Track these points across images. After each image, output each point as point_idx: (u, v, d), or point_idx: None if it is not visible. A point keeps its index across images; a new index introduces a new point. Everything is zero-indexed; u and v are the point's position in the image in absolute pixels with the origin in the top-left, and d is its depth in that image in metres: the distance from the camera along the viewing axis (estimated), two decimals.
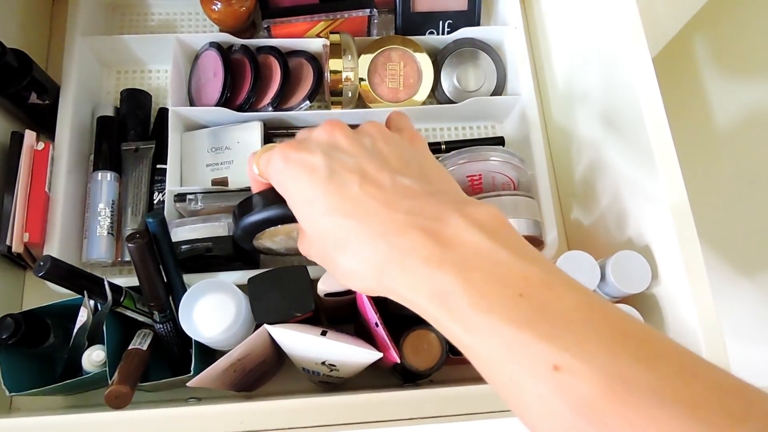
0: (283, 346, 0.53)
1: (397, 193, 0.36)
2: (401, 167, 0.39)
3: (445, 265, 0.32)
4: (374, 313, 0.52)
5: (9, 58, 0.59)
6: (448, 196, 0.37)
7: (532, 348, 0.28)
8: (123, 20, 0.81)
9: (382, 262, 0.34)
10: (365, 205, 0.35)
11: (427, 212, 0.35)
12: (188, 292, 0.55)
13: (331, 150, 0.39)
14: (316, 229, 0.38)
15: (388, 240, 0.34)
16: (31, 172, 0.62)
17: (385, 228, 0.34)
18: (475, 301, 0.30)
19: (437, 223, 0.34)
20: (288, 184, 0.39)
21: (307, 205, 0.38)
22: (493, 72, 0.78)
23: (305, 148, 0.39)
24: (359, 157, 0.38)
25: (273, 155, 0.40)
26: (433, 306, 0.32)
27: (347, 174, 0.37)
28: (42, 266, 0.50)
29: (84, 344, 0.56)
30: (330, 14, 0.75)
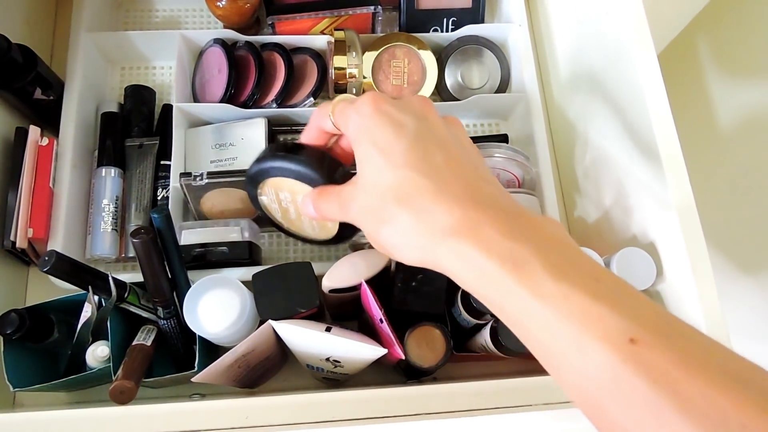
0: (288, 342, 0.53)
1: (478, 179, 0.37)
2: (480, 163, 0.40)
3: (522, 240, 0.33)
4: (379, 309, 0.52)
5: (14, 54, 0.59)
6: (513, 199, 0.38)
7: (608, 319, 0.29)
8: (127, 16, 0.81)
9: (452, 226, 0.34)
10: (446, 174, 0.36)
11: (504, 202, 0.36)
12: (192, 288, 0.54)
13: (422, 119, 0.39)
14: (379, 179, 0.37)
15: (463, 209, 0.34)
16: (35, 167, 0.62)
17: (463, 198, 0.35)
18: (552, 270, 0.31)
19: (515, 210, 0.35)
20: (369, 130, 0.38)
21: (379, 154, 0.37)
22: (497, 69, 0.78)
23: (398, 106, 0.39)
24: (446, 138, 0.39)
25: (361, 100, 0.40)
26: (503, 269, 0.32)
27: (433, 145, 0.38)
28: (47, 261, 0.50)
29: (88, 340, 0.57)
30: (334, 11, 0.75)
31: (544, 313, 0.31)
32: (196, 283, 0.55)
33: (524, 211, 0.35)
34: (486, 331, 0.57)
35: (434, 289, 0.57)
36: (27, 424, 0.45)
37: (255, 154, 0.66)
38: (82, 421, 0.45)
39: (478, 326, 0.59)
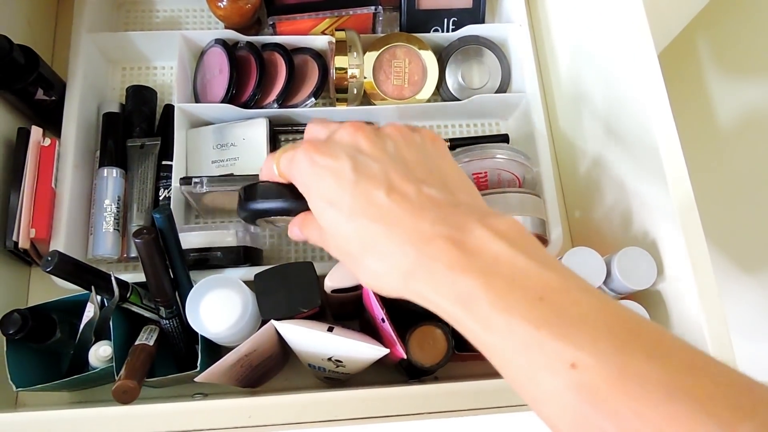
0: (290, 341, 0.54)
1: (423, 203, 0.37)
2: (425, 176, 0.40)
3: (468, 271, 0.33)
4: (380, 308, 0.53)
5: (16, 54, 0.59)
6: (471, 207, 0.38)
7: (549, 347, 0.30)
8: (128, 17, 0.81)
9: (410, 267, 0.36)
10: (392, 212, 0.37)
11: (451, 222, 0.36)
12: (195, 288, 0.55)
13: (355, 154, 0.40)
14: (339, 230, 0.39)
15: (415, 247, 0.35)
16: (37, 168, 0.62)
17: (412, 236, 0.36)
18: (496, 302, 0.32)
19: (461, 233, 0.35)
20: (312, 185, 0.40)
21: (330, 208, 0.39)
22: (498, 69, 0.78)
23: (330, 151, 0.40)
24: (384, 164, 0.39)
25: (297, 156, 0.41)
26: (455, 308, 0.34)
27: (373, 181, 0.38)
28: (50, 261, 0.50)
29: (91, 340, 0.57)
30: (335, 11, 0.75)
31: (496, 347, 0.32)
32: (198, 283, 0.55)
33: (468, 226, 0.36)
34: None
35: None
36: (30, 424, 0.45)
37: (256, 154, 0.68)
38: (85, 421, 0.45)
39: None
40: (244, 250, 0.62)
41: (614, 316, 0.31)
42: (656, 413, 0.26)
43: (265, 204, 0.53)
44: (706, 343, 0.50)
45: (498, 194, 0.65)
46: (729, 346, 0.50)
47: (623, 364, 0.28)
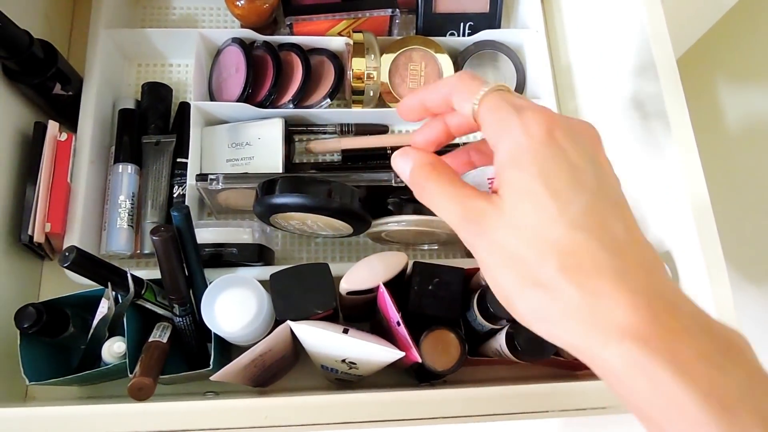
0: (305, 342, 0.54)
1: (653, 260, 0.30)
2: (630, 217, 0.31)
3: (727, 371, 0.26)
4: (396, 312, 0.53)
5: (35, 49, 0.59)
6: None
7: None
8: (144, 13, 0.81)
9: (636, 330, 0.27)
10: (629, 253, 0.29)
11: (687, 304, 0.28)
12: (210, 287, 0.55)
13: (597, 165, 0.32)
14: (546, 230, 0.29)
15: (653, 308, 0.27)
16: (53, 162, 0.62)
17: (649, 291, 0.28)
18: (762, 420, 0.25)
19: (703, 319, 0.28)
20: (542, 159, 0.30)
21: (553, 199, 0.29)
22: (513, 75, 0.78)
23: (573, 139, 0.31)
24: (621, 195, 0.32)
25: (531, 116, 0.31)
26: (703, 407, 0.26)
27: (612, 209, 0.30)
28: (67, 257, 0.50)
29: (104, 335, 0.57)
30: (352, 13, 0.75)
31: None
32: (213, 282, 0.55)
33: (711, 320, 0.28)
34: (501, 336, 0.57)
35: (450, 294, 0.57)
36: (46, 420, 0.45)
37: (271, 154, 0.68)
38: (102, 417, 0.45)
39: (493, 331, 0.59)
40: (258, 248, 0.62)
41: None
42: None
43: (282, 198, 0.54)
44: None
45: None
46: None
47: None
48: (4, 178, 0.61)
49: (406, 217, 0.62)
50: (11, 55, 0.57)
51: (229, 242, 0.62)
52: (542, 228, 0.29)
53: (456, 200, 0.33)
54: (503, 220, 0.31)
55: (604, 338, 0.27)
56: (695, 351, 0.26)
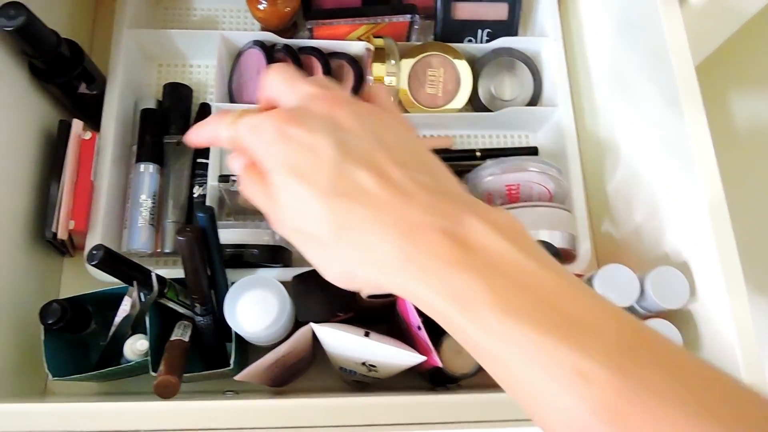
0: (326, 344, 0.54)
1: (412, 190, 0.33)
2: (408, 161, 0.35)
3: (466, 268, 0.30)
4: (417, 316, 0.53)
5: (63, 48, 0.60)
6: (461, 197, 0.34)
7: (556, 354, 0.27)
8: (166, 14, 0.82)
9: (396, 260, 0.31)
10: (379, 196, 0.32)
11: (444, 212, 0.32)
12: (233, 288, 0.55)
13: (335, 131, 0.34)
14: (306, 208, 0.33)
15: (406, 238, 0.31)
16: (78, 160, 0.63)
17: (401, 225, 0.31)
18: (497, 304, 0.29)
19: (457, 225, 0.31)
20: (279, 154, 0.34)
21: (300, 181, 0.33)
22: (530, 82, 0.79)
23: (306, 124, 0.34)
24: (370, 144, 0.34)
25: (263, 124, 0.35)
26: (450, 308, 0.30)
27: (359, 162, 0.33)
28: (95, 254, 0.51)
29: (127, 333, 0.57)
30: (372, 18, 0.76)
31: (495, 352, 0.29)
32: (236, 283, 0.56)
33: (462, 217, 0.32)
34: None
35: None
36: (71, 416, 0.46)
37: None
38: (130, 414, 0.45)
39: None
40: (279, 249, 0.63)
41: (627, 327, 0.29)
42: (669, 427, 0.25)
43: None
44: (737, 363, 0.50)
45: (528, 208, 0.66)
46: (760, 366, 0.50)
47: (636, 375, 0.26)
48: (28, 175, 0.62)
49: None
50: (39, 54, 0.58)
51: (250, 243, 0.63)
52: (307, 209, 0.33)
53: (261, 190, 0.36)
54: (286, 214, 0.35)
55: (384, 276, 0.32)
56: (439, 259, 0.30)
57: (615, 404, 0.26)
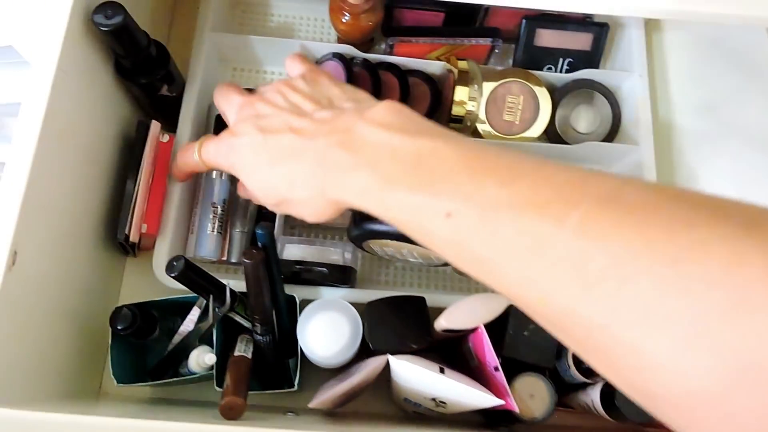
0: (397, 376, 0.52)
1: (317, 127, 0.44)
2: (314, 106, 0.47)
3: (359, 167, 0.39)
4: (495, 356, 0.51)
5: (151, 49, 0.59)
6: (354, 109, 0.44)
7: (428, 205, 0.35)
8: (243, 17, 0.81)
9: (322, 183, 0.42)
10: (297, 147, 0.44)
11: (340, 129, 0.42)
12: (307, 309, 0.54)
13: (257, 121, 0.48)
14: (268, 184, 0.47)
15: (320, 164, 0.42)
16: (154, 163, 0.62)
17: (315, 156, 0.42)
18: (382, 184, 0.38)
19: (347, 134, 0.41)
20: (238, 164, 0.49)
21: (256, 170, 0.47)
22: (609, 116, 0.77)
23: (240, 132, 0.48)
24: (280, 115, 0.47)
25: (219, 146, 0.52)
26: (361, 201, 0.40)
27: (277, 131, 0.46)
28: (175, 266, 0.49)
29: (195, 344, 0.56)
30: (454, 39, 0.74)
31: (396, 219, 0.38)
32: (310, 305, 0.54)
33: (351, 126, 0.41)
34: (595, 391, 0.55)
35: (546, 341, 0.56)
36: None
37: None
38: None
39: (583, 383, 0.58)
40: (348, 270, 0.62)
41: (475, 159, 0.36)
42: (508, 225, 0.31)
43: (382, 226, 0.53)
44: None
45: None
46: None
47: (482, 199, 0.33)
48: (103, 173, 0.61)
49: None
50: (128, 55, 0.57)
51: (320, 261, 0.61)
52: (269, 183, 0.47)
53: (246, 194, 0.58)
54: (265, 198, 0.49)
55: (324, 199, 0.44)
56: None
57: (475, 226, 0.33)
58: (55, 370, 0.55)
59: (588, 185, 0.30)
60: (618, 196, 0.29)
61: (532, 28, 0.76)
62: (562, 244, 0.29)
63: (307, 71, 0.53)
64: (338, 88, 0.50)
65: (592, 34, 0.77)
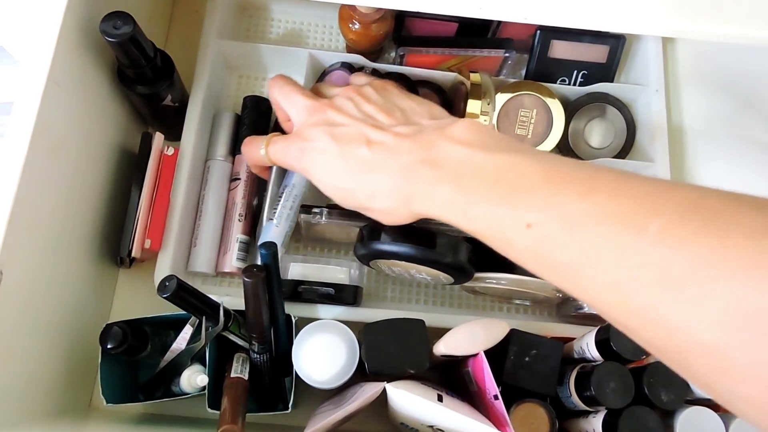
0: (394, 403, 0.51)
1: (398, 143, 0.45)
2: (390, 119, 0.49)
3: (444, 182, 0.42)
4: (494, 384, 0.50)
5: (158, 60, 0.58)
6: (433, 126, 0.46)
7: (510, 217, 0.38)
8: (250, 23, 0.79)
9: (405, 195, 0.44)
10: (378, 160, 0.45)
11: (423, 146, 0.44)
12: (302, 333, 0.53)
13: (331, 129, 0.49)
14: (346, 191, 0.48)
15: (404, 178, 0.44)
16: (158, 177, 0.60)
17: (399, 171, 0.44)
18: (466, 198, 0.40)
19: (430, 151, 0.44)
20: (310, 168, 0.50)
21: (332, 177, 0.48)
22: (623, 131, 0.75)
23: (311, 137, 0.49)
24: (355, 125, 0.48)
25: (288, 147, 0.52)
26: (446, 213, 0.42)
27: (353, 143, 0.47)
28: (167, 287, 0.48)
29: (187, 363, 0.55)
30: (466, 50, 0.72)
31: (480, 231, 0.41)
32: (306, 327, 0.53)
33: (434, 143, 0.44)
34: (597, 422, 0.54)
35: (547, 368, 0.54)
36: None
37: None
38: None
39: (585, 411, 0.56)
40: (355, 289, 0.61)
41: (554, 172, 0.37)
42: (589, 234, 0.33)
43: (393, 247, 0.52)
44: None
45: None
46: None
47: (562, 210, 0.35)
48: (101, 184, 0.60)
49: (507, 276, 0.59)
50: (134, 65, 0.56)
51: (326, 281, 0.60)
52: (347, 189, 0.48)
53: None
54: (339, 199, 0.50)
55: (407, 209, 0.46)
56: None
57: (555, 234, 0.35)
58: (43, 388, 0.54)
59: (667, 196, 0.32)
60: (697, 206, 0.30)
61: (547, 39, 0.74)
62: (644, 251, 0.30)
63: (375, 80, 0.55)
64: (410, 100, 0.52)
65: (608, 47, 0.75)
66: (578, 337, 0.59)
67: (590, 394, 0.53)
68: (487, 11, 0.55)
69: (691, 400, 0.55)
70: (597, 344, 0.55)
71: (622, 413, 0.52)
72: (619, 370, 0.53)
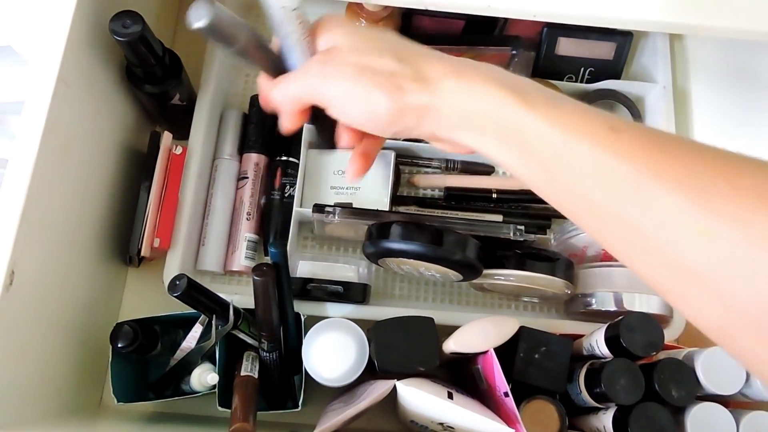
0: (404, 401, 0.51)
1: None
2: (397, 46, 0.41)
3: (509, 81, 0.36)
4: (504, 382, 0.50)
5: (166, 59, 0.58)
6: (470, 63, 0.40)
7: (591, 120, 0.33)
8: (257, 22, 0.79)
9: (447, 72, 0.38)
10: (389, 83, 0.38)
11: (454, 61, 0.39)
12: (311, 331, 0.53)
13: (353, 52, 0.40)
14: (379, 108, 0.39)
15: (444, 63, 0.39)
16: (166, 176, 0.60)
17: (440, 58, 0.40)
18: (540, 97, 0.35)
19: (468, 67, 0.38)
20: (332, 86, 0.40)
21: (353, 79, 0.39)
22: None
23: (329, 61, 0.40)
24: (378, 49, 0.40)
25: (309, 72, 0.41)
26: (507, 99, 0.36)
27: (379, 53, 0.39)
28: (177, 286, 0.48)
29: (197, 362, 0.55)
30: (473, 48, 0.72)
31: (538, 126, 0.34)
32: (316, 325, 0.53)
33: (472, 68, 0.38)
34: (607, 418, 0.54)
35: (557, 365, 0.54)
36: None
37: (379, 187, 0.66)
38: None
39: (595, 408, 0.56)
40: (364, 287, 0.61)
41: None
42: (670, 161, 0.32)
43: (402, 245, 0.52)
44: None
45: (623, 268, 0.62)
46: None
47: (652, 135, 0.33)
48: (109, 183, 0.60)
49: (515, 272, 0.59)
50: (143, 64, 0.56)
51: (335, 279, 0.60)
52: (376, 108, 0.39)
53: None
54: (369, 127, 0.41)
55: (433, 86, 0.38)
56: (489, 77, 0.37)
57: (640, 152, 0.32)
58: (55, 387, 0.55)
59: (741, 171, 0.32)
60: None
61: (554, 36, 0.74)
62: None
63: None
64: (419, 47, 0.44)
65: (615, 44, 0.75)
66: (587, 334, 0.59)
67: (600, 391, 0.52)
68: (495, 9, 0.55)
69: (701, 396, 0.54)
70: (606, 341, 0.55)
71: (633, 410, 0.52)
72: (629, 367, 0.53)
